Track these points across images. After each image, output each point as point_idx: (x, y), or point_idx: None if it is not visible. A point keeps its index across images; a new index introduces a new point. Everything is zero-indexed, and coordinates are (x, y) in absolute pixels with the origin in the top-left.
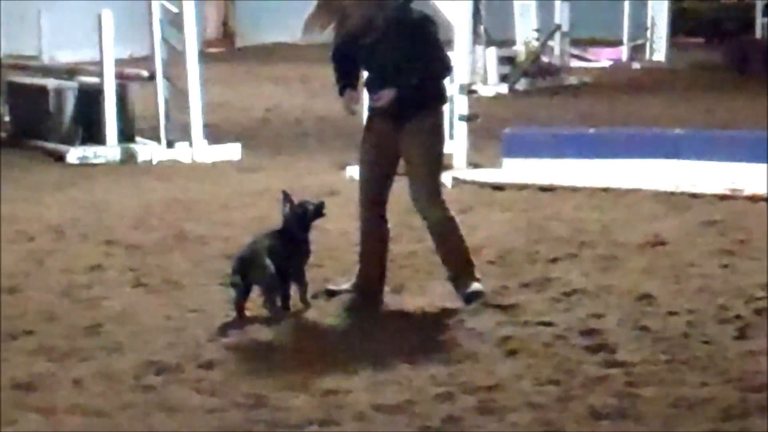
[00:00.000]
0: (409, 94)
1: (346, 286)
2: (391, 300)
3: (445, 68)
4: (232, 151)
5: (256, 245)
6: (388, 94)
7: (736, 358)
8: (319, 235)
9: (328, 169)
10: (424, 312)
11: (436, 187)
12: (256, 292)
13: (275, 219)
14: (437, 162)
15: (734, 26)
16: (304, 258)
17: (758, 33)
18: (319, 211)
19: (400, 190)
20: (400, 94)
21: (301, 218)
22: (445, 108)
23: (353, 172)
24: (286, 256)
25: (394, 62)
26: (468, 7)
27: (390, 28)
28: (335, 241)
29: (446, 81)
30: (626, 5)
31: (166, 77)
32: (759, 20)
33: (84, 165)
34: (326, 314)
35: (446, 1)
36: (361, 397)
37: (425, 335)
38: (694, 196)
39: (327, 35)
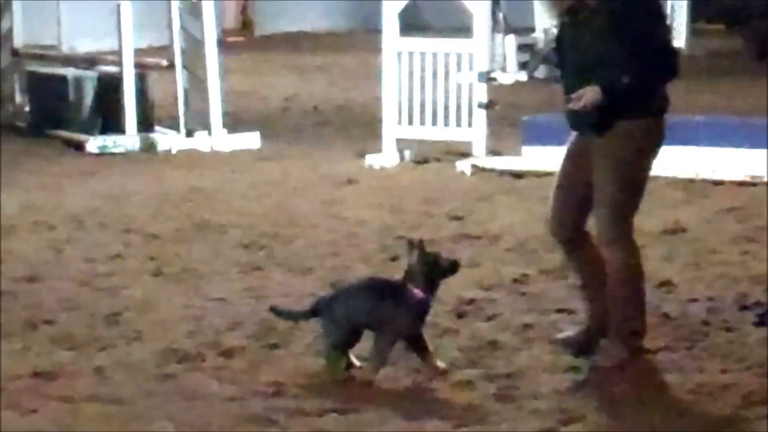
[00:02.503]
0: (612, 99)
1: (575, 332)
2: None
3: (667, 69)
4: (251, 140)
5: (341, 292)
6: (591, 95)
7: (756, 345)
8: (337, 223)
9: (347, 158)
10: (442, 300)
11: (617, 222)
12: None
13: (293, 207)
14: (626, 192)
15: (757, 12)
16: (416, 321)
17: None
18: (454, 268)
19: (421, 177)
20: (605, 96)
21: (431, 272)
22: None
23: (372, 160)
24: (384, 310)
25: (599, 53)
26: None
27: (602, 6)
28: (353, 229)
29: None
30: None
31: (185, 66)
32: None
33: (103, 154)
34: None
35: None
36: (380, 385)
37: (441, 323)
38: (714, 183)
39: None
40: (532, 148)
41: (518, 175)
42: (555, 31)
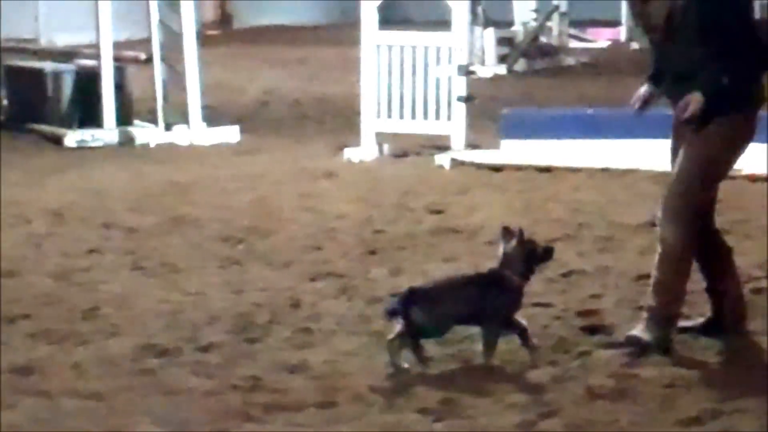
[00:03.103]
0: (714, 100)
1: (699, 322)
2: (388, 282)
3: (763, 64)
4: (230, 134)
5: (436, 284)
6: (694, 104)
7: (735, 338)
8: (315, 217)
9: (326, 152)
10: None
11: (682, 204)
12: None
13: (272, 201)
14: (703, 179)
15: None
16: (511, 308)
17: (757, 14)
18: (549, 254)
19: (400, 171)
20: (708, 99)
21: (528, 259)
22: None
23: (351, 154)
24: (485, 301)
25: (695, 58)
26: None
27: (689, 8)
28: (332, 223)
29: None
30: None
31: (164, 60)
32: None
33: (82, 148)
34: (325, 296)
35: None
36: (358, 380)
37: None
38: None
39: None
40: (511, 142)
41: (497, 169)
42: (534, 24)
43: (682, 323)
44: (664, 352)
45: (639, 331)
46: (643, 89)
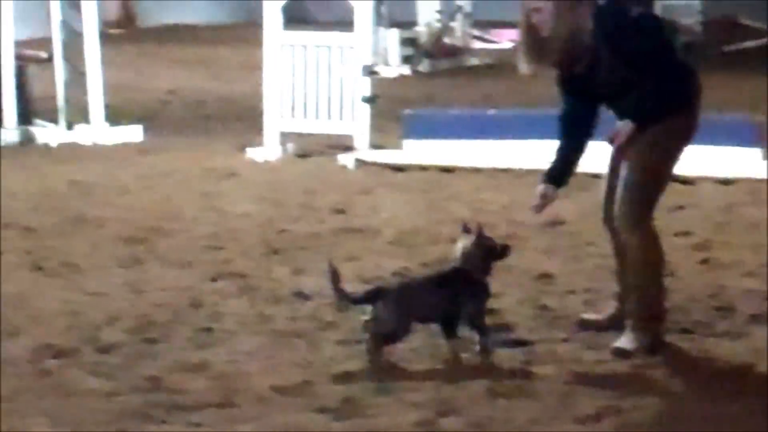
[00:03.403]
0: (648, 117)
1: (602, 317)
2: (290, 281)
3: (680, 84)
4: (133, 133)
5: (402, 284)
6: (623, 134)
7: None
8: (218, 216)
9: (229, 151)
10: (322, 294)
11: (640, 209)
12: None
13: (175, 201)
14: (652, 181)
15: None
16: (482, 304)
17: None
18: (506, 251)
19: (303, 171)
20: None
21: (486, 256)
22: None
23: (254, 153)
24: (456, 299)
25: (618, 87)
26: None
27: (600, 43)
28: (235, 223)
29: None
30: None
31: (66, 59)
32: (659, 1)
33: None
34: (226, 295)
35: None
36: (259, 380)
37: (322, 316)
38: (592, 176)
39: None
40: (414, 142)
41: (400, 169)
42: (438, 25)
43: (586, 315)
44: (653, 353)
45: (624, 342)
46: (541, 189)
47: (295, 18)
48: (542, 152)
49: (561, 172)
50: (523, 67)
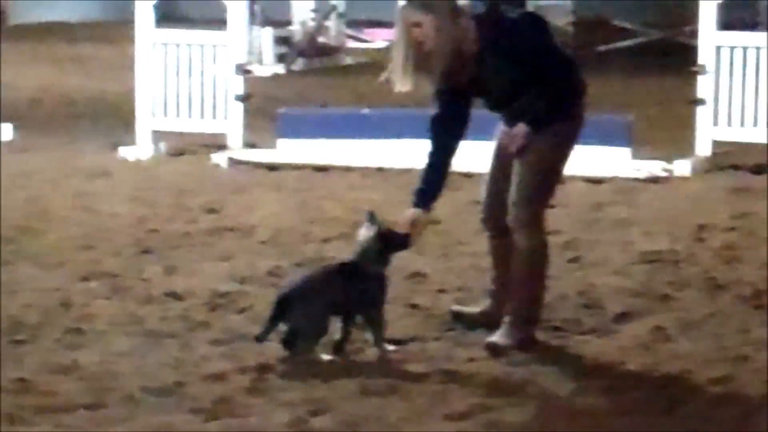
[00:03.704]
0: (540, 120)
1: (475, 311)
2: (163, 281)
3: (566, 80)
4: (2, 132)
5: (307, 283)
6: (520, 137)
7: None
8: (89, 216)
9: (101, 150)
10: (195, 293)
11: (533, 209)
12: None
13: (45, 200)
14: (544, 182)
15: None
16: (379, 296)
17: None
18: (404, 243)
19: (176, 170)
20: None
21: (384, 248)
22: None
23: (126, 152)
24: (354, 292)
25: (508, 91)
26: None
27: (485, 51)
28: (106, 223)
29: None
30: None
31: None
32: (531, 1)
33: None
34: (97, 296)
35: None
36: (130, 380)
37: (194, 316)
38: (465, 175)
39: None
40: (288, 141)
41: (274, 168)
42: (312, 24)
43: (457, 308)
44: (526, 351)
45: (498, 336)
46: (410, 215)
47: (169, 16)
48: (415, 151)
49: (432, 191)
50: (398, 84)
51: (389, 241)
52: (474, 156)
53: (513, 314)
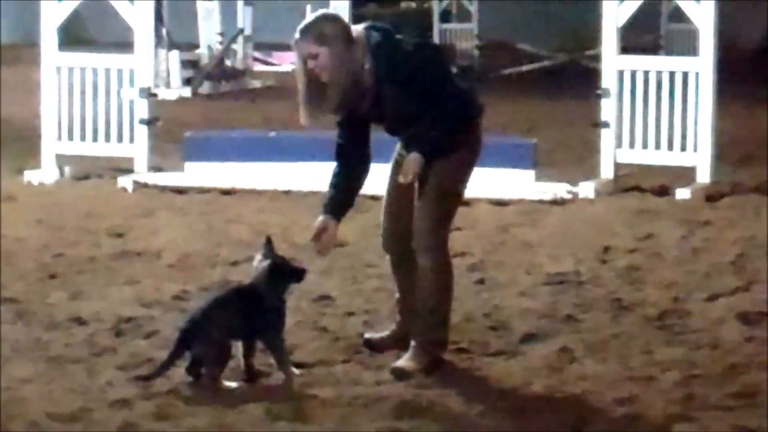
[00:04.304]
0: (433, 149)
1: (385, 335)
2: (68, 306)
3: (458, 109)
4: None
5: (206, 311)
6: (413, 166)
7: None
8: None
9: (5, 175)
10: (100, 318)
11: (436, 232)
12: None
13: None
14: (445, 205)
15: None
16: (279, 323)
17: (435, 38)
18: (299, 275)
19: (82, 194)
20: (426, 155)
21: (280, 277)
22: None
23: (31, 176)
24: (252, 318)
25: (404, 118)
26: (150, 9)
27: (380, 81)
28: (11, 247)
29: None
30: (308, 9)
31: None
32: (437, 26)
33: None
34: (3, 320)
35: (126, 1)
36: (34, 407)
37: (102, 342)
38: (372, 198)
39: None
40: (195, 164)
41: (180, 191)
42: (219, 47)
43: (369, 335)
44: (432, 373)
45: (404, 360)
46: (321, 221)
47: (77, 38)
48: (322, 174)
49: (340, 204)
50: (305, 118)
51: (283, 273)
52: (381, 178)
53: (419, 337)
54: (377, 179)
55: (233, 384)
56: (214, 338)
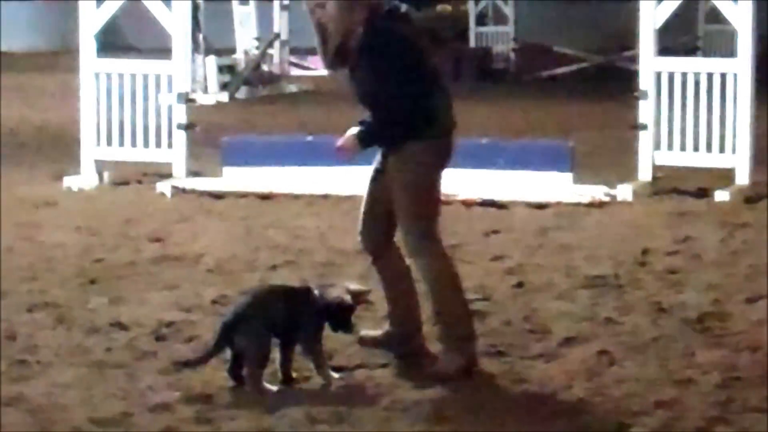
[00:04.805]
0: (376, 135)
1: (379, 333)
2: (108, 311)
3: (398, 117)
4: None
5: (249, 306)
6: (349, 143)
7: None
8: (33, 246)
9: (45, 180)
10: (141, 323)
11: (420, 235)
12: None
13: None
14: (420, 206)
15: (449, 35)
16: (319, 324)
17: (472, 42)
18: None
19: (121, 199)
20: (363, 142)
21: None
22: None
23: (70, 182)
24: (294, 318)
25: (367, 94)
26: (187, 15)
27: (363, 52)
28: (51, 253)
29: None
30: None
31: None
32: (473, 29)
33: None
34: (42, 327)
35: (164, 7)
36: (76, 412)
37: (143, 347)
38: None
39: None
40: (233, 169)
41: (218, 196)
42: (256, 52)
43: (363, 332)
44: (469, 374)
45: (440, 365)
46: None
47: (114, 45)
48: (358, 178)
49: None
50: (325, 68)
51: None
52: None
53: (445, 341)
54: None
55: (274, 387)
56: (256, 333)
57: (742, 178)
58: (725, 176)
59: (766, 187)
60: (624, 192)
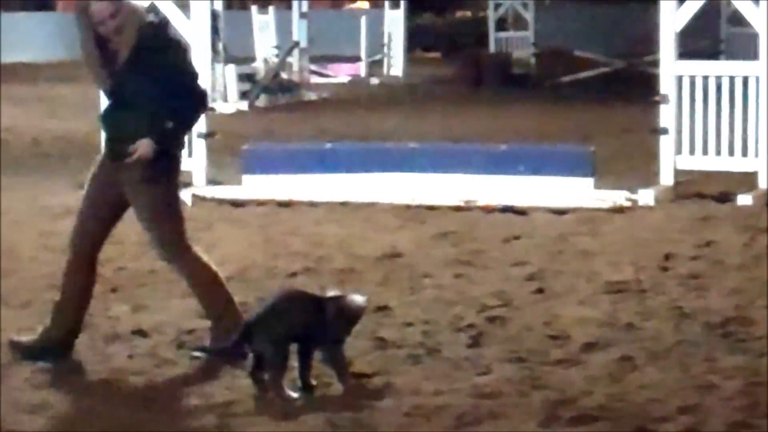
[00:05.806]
0: (163, 141)
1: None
2: (130, 319)
3: (199, 108)
4: None
5: (271, 309)
6: (144, 149)
7: (469, 366)
8: (56, 256)
9: (66, 190)
10: (162, 331)
11: (167, 244)
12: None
13: (11, 240)
14: (162, 216)
15: (469, 41)
16: (339, 334)
17: (491, 47)
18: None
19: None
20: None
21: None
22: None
23: None
24: (313, 325)
25: (144, 98)
26: (206, 23)
27: (141, 51)
28: None
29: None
30: (363, 21)
31: None
32: (492, 34)
33: None
34: None
35: (183, 16)
36: (97, 417)
37: (161, 354)
38: (430, 208)
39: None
40: (252, 177)
41: (238, 204)
42: (275, 60)
43: (15, 337)
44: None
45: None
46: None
47: None
48: (378, 185)
49: None
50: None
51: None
52: (437, 189)
53: (217, 333)
54: (430, 189)
55: (294, 394)
56: (276, 335)
57: (765, 181)
58: (748, 180)
59: None
60: (646, 197)
